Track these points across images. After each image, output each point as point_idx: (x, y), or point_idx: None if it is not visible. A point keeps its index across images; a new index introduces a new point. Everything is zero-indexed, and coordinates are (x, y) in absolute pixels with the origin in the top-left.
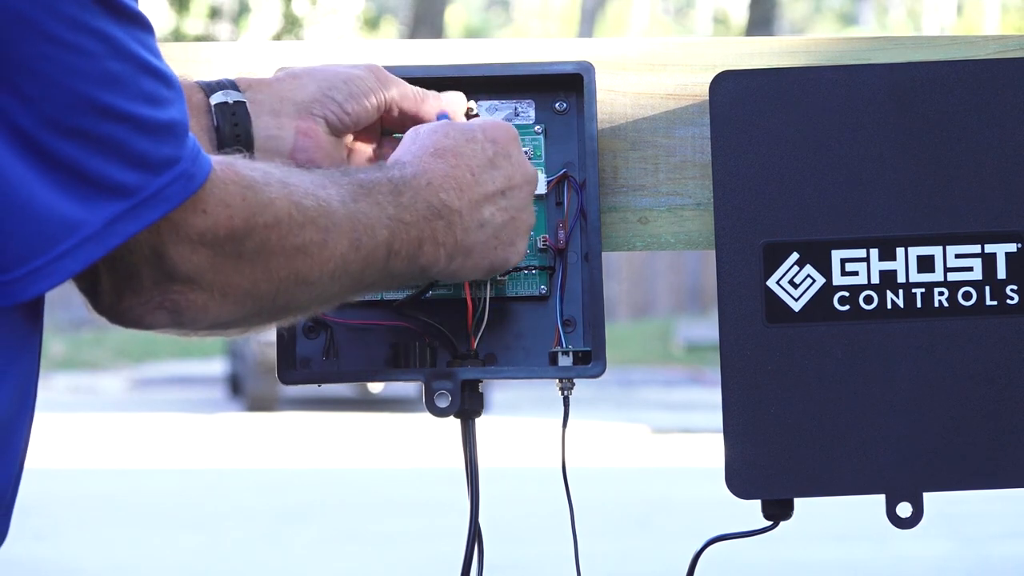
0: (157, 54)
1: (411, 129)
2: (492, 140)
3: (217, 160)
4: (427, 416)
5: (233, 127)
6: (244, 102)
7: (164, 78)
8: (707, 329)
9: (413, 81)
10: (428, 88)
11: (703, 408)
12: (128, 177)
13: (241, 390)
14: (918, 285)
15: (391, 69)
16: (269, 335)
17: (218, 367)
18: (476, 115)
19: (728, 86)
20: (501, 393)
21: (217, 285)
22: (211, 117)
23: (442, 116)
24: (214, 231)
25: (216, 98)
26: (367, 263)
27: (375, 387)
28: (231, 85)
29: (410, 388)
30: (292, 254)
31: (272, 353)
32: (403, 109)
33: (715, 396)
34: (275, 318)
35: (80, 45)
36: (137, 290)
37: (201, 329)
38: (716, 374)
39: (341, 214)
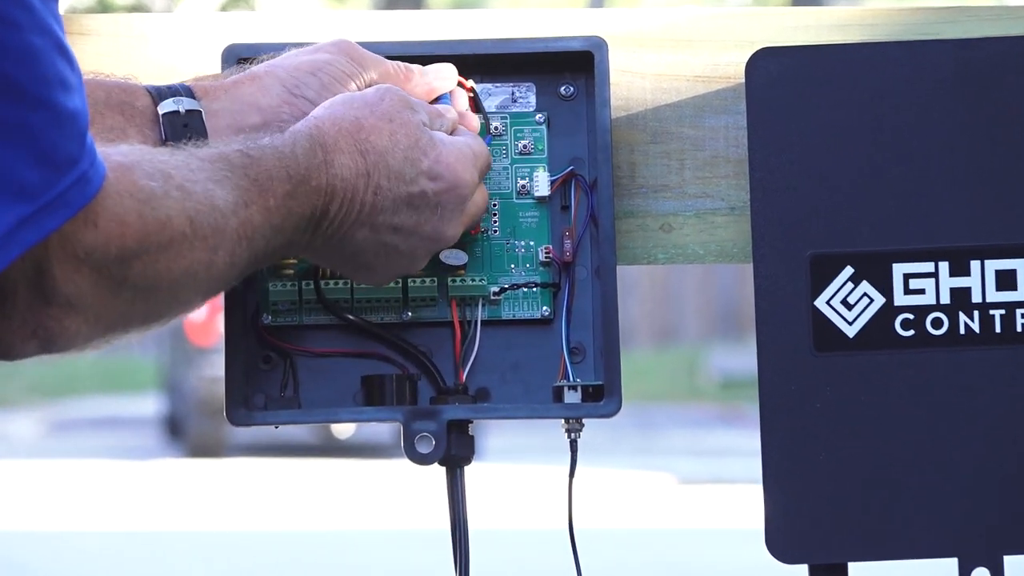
0: (63, 29)
1: (384, 88)
2: (433, 178)
3: (112, 162)
4: (406, 464)
5: (186, 143)
6: (199, 111)
7: (71, 59)
8: (744, 359)
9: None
10: None
11: (739, 454)
12: (33, 175)
13: (181, 433)
14: (996, 306)
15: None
16: (214, 367)
17: (151, 405)
18: (472, 90)
19: (768, 66)
20: (496, 437)
21: (94, 310)
22: (159, 129)
23: (443, 100)
24: (104, 250)
25: (166, 106)
26: (232, 275)
27: (343, 429)
28: (185, 92)
29: (385, 430)
30: (178, 279)
31: (218, 388)
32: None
33: (753, 440)
34: (131, 336)
35: (3, 14)
36: (9, 314)
37: (60, 354)
38: (754, 413)
39: (231, 227)
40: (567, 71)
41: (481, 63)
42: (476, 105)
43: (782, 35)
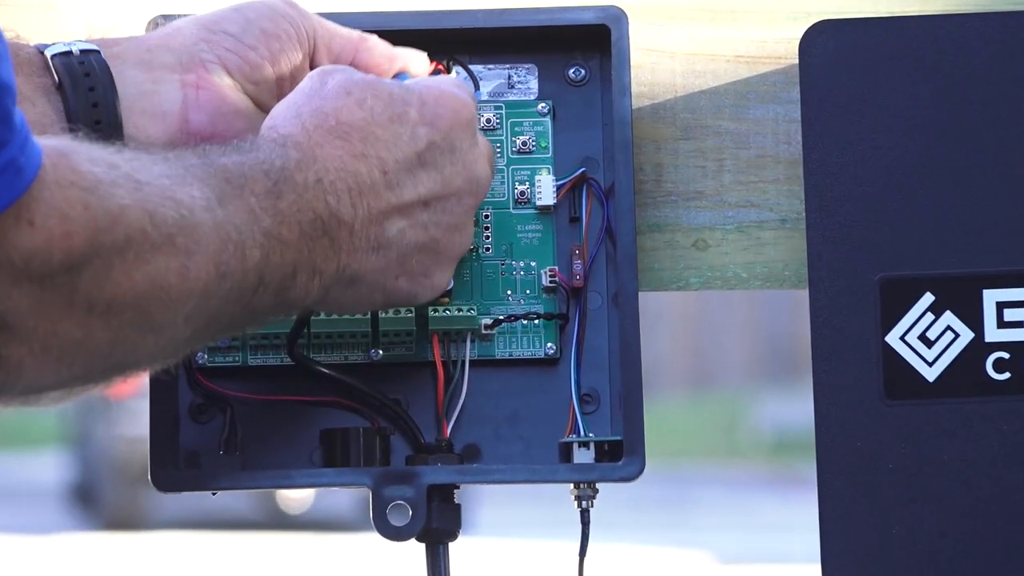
0: None
1: (317, 71)
2: (430, 122)
3: (49, 148)
4: (376, 539)
5: (88, 92)
6: (97, 51)
7: None
8: (798, 409)
9: None
10: None
11: (792, 528)
12: None
13: (92, 501)
14: None
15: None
16: (135, 422)
17: (52, 468)
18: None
19: (827, 43)
20: (489, 507)
21: (39, 336)
22: (51, 75)
23: (402, 77)
24: (45, 254)
25: (55, 49)
26: (229, 298)
27: (294, 504)
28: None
29: (348, 501)
30: (142, 289)
31: (139, 447)
32: (332, 52)
33: (809, 509)
34: (104, 379)
35: None
36: None
37: (7, 397)
38: (810, 476)
39: (207, 227)
40: (577, 50)
41: (471, 40)
42: None
43: (845, 5)
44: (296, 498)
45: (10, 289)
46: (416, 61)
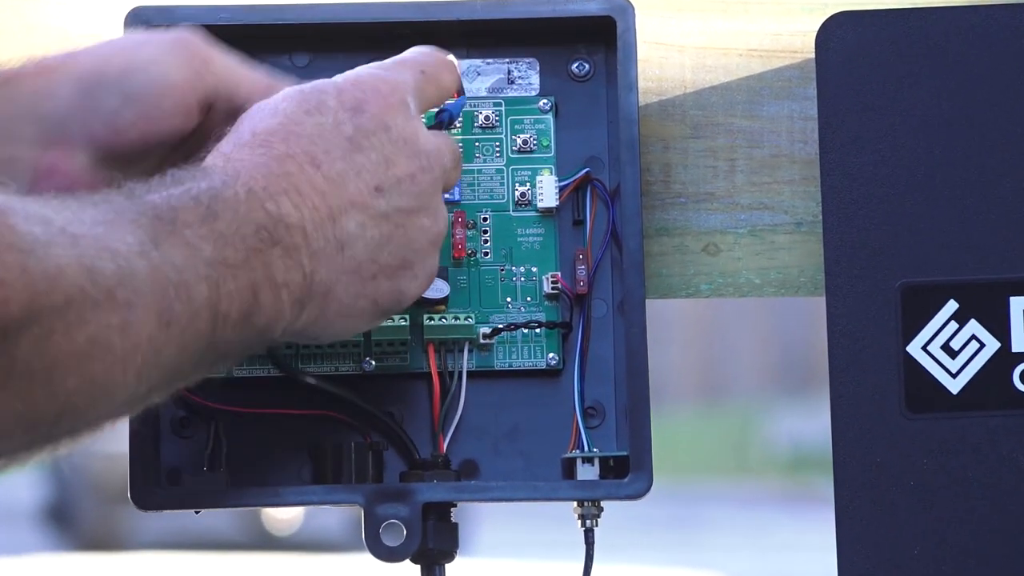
0: None
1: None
2: (353, 107)
3: None
4: (369, 561)
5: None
6: None
7: None
8: (814, 423)
9: (337, 32)
10: (353, 46)
11: (807, 548)
12: None
13: (68, 522)
14: None
15: (290, 11)
16: (113, 438)
17: (25, 486)
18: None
19: (846, 36)
20: (489, 526)
21: None
22: None
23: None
24: None
25: None
26: (184, 344)
27: (281, 526)
28: None
29: (339, 520)
30: (85, 351)
31: (118, 465)
32: (234, 108)
33: (826, 528)
34: (54, 445)
35: None
36: None
37: None
38: (827, 493)
39: (144, 273)
40: (581, 43)
41: (469, 32)
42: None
43: None
44: (284, 517)
45: None
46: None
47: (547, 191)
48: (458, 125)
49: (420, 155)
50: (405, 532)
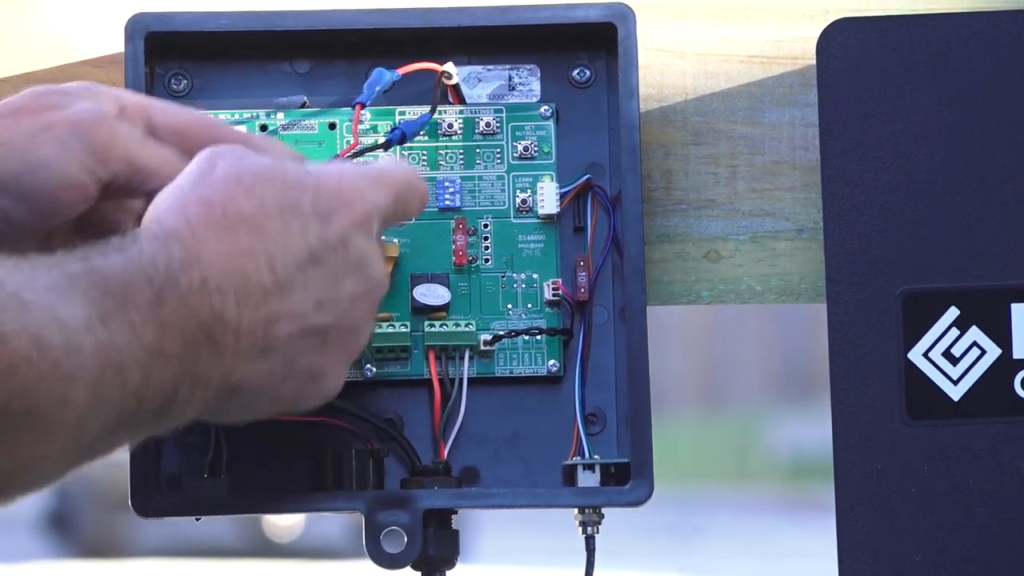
0: None
1: (207, 153)
2: (324, 216)
3: None
4: (369, 567)
5: None
6: None
7: None
8: (816, 430)
9: (338, 38)
10: (354, 53)
11: (809, 555)
12: None
13: (68, 528)
14: None
15: (291, 18)
16: None
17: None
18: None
19: (847, 42)
20: (489, 533)
21: None
22: None
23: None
24: None
25: None
26: (108, 423)
27: (282, 532)
28: None
29: (339, 527)
30: (18, 421)
31: (118, 472)
32: (137, 186)
33: (827, 535)
34: None
35: None
36: None
37: None
38: (829, 499)
39: (88, 350)
40: (582, 49)
41: (470, 39)
42: (458, 95)
43: (865, 2)
44: (284, 524)
45: None
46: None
47: (548, 198)
48: (459, 132)
49: (367, 280)
50: (406, 539)
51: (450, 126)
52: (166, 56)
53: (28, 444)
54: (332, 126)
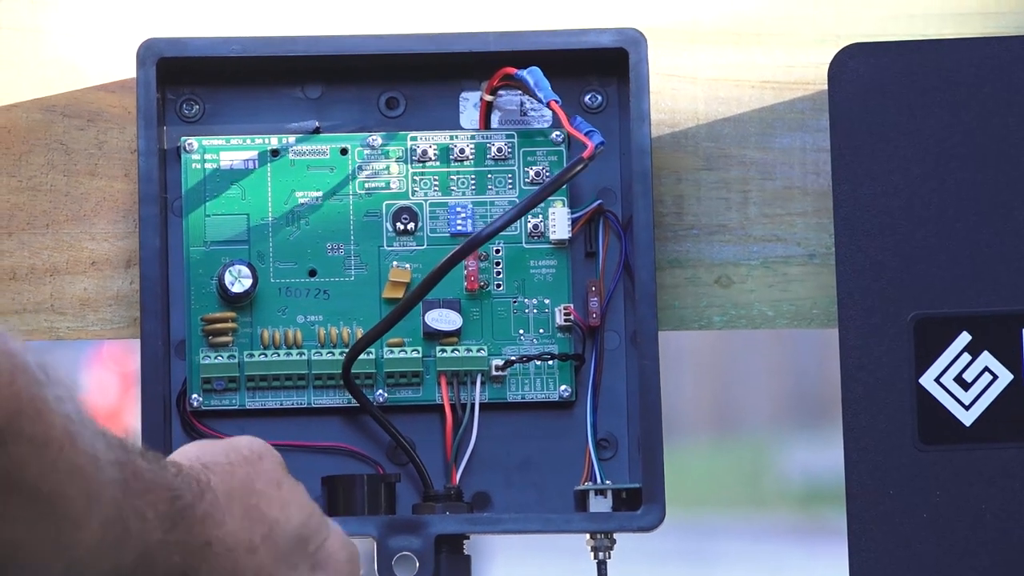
0: None
1: (245, 440)
2: (320, 565)
3: None
4: None
5: None
6: None
7: None
8: (828, 455)
9: (349, 64)
10: (366, 78)
11: None
12: None
13: None
14: None
15: (302, 43)
16: None
17: None
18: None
19: (859, 68)
20: (501, 559)
21: None
22: None
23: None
24: None
25: None
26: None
27: None
28: None
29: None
30: (44, 499)
31: None
32: None
33: (839, 561)
34: None
35: None
36: None
37: None
38: (841, 526)
39: (108, 496)
40: (593, 74)
41: (480, 64)
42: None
43: (878, 27)
44: None
45: None
46: None
47: (560, 223)
48: (471, 157)
49: None
50: (418, 564)
51: (462, 151)
52: (178, 81)
53: (46, 538)
54: (344, 151)
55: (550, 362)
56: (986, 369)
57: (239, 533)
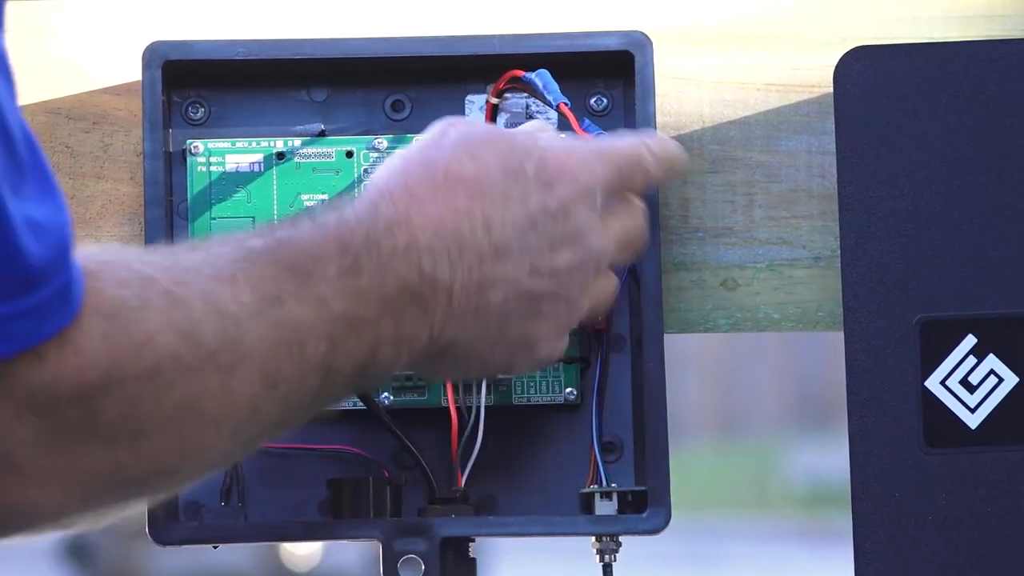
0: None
1: (443, 121)
2: (546, 183)
3: (86, 262)
4: None
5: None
6: None
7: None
8: (833, 458)
9: (355, 66)
10: (371, 81)
11: None
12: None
13: (86, 559)
14: None
15: (308, 46)
16: None
17: None
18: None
19: (864, 70)
20: (507, 562)
21: (54, 473)
22: None
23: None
24: (51, 389)
25: None
26: (288, 402)
27: (300, 561)
28: None
29: (357, 555)
30: (175, 415)
31: None
32: None
33: (845, 564)
34: (144, 500)
35: None
36: None
37: (20, 532)
38: (846, 528)
39: (254, 336)
40: (599, 77)
41: (486, 67)
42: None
43: (883, 30)
44: (302, 553)
45: (12, 424)
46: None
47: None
48: None
49: (585, 249)
50: (423, 567)
51: None
52: (183, 84)
53: (191, 436)
54: (349, 154)
55: (555, 365)
56: (991, 372)
57: (438, 211)
